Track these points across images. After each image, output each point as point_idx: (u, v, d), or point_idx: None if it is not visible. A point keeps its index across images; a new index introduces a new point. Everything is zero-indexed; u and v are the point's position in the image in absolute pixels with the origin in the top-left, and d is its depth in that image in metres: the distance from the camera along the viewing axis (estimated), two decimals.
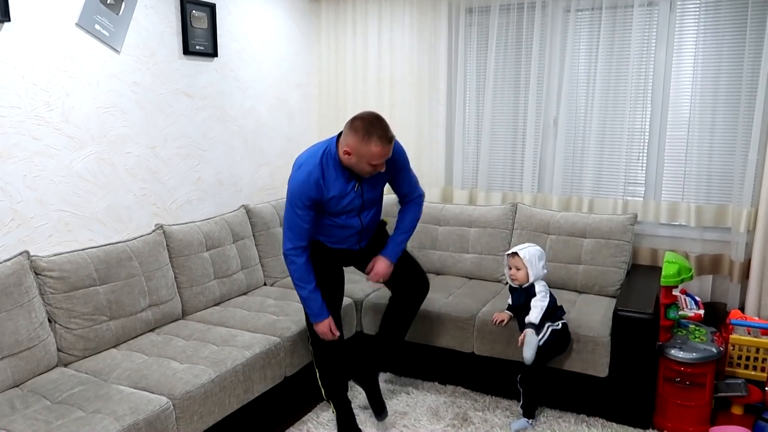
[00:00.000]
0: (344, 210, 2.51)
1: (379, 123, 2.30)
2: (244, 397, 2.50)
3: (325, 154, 2.42)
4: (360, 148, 2.29)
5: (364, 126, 2.28)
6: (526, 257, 2.77)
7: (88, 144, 2.77)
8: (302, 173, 2.41)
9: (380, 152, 2.30)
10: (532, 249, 2.81)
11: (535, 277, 2.78)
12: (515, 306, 2.87)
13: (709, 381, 2.67)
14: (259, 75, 3.77)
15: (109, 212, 2.89)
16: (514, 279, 2.82)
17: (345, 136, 2.35)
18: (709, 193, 3.36)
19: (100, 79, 2.80)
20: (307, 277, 2.50)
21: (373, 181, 2.54)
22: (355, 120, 2.31)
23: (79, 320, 2.48)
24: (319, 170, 2.40)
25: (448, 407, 2.96)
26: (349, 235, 2.61)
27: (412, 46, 3.93)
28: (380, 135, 2.28)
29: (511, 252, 2.84)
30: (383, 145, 2.29)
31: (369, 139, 2.27)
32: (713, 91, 3.28)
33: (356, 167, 2.38)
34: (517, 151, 3.82)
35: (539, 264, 2.79)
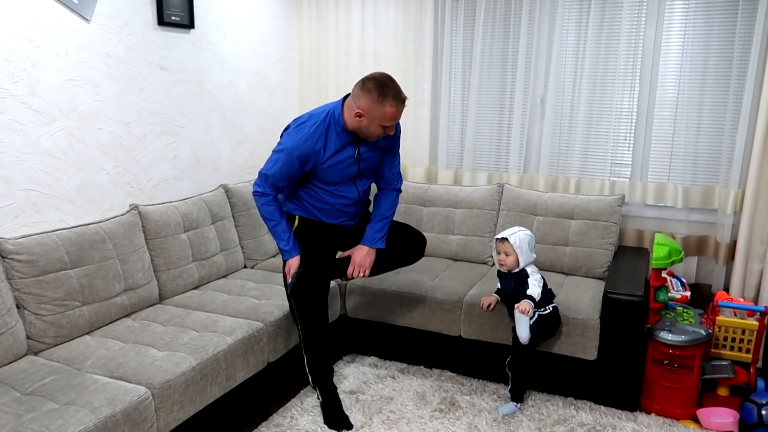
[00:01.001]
0: (341, 178, 2.46)
1: (392, 84, 2.27)
2: (227, 385, 2.41)
3: (329, 116, 2.37)
4: (373, 109, 2.26)
5: (378, 87, 2.24)
6: (516, 243, 2.68)
7: (56, 119, 2.60)
8: (304, 130, 2.36)
9: (394, 113, 2.27)
10: (522, 234, 2.71)
11: (525, 263, 2.70)
12: (504, 291, 2.80)
13: (697, 363, 2.67)
14: (237, 49, 3.61)
15: (80, 191, 2.74)
16: (503, 264, 2.74)
17: (356, 98, 2.29)
18: (696, 174, 3.34)
19: (69, 49, 2.62)
20: (277, 214, 2.48)
21: (371, 150, 2.48)
22: (367, 81, 2.27)
23: (50, 306, 2.34)
24: (322, 130, 2.36)
25: (434, 391, 2.91)
26: (346, 206, 2.54)
27: (397, 20, 3.81)
28: (395, 95, 2.25)
29: (500, 237, 2.74)
30: (397, 105, 2.27)
31: (384, 100, 2.24)
32: (702, 70, 3.24)
33: (365, 130, 2.33)
34: (504, 131, 3.75)
35: (529, 249, 2.71)
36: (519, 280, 2.70)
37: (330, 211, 2.56)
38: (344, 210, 2.57)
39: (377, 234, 2.59)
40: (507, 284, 2.77)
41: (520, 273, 2.71)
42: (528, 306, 2.58)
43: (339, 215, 2.58)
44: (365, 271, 2.58)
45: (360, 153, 2.45)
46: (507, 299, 2.79)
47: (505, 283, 2.79)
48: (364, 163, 2.49)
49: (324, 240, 2.60)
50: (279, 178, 2.41)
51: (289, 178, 2.42)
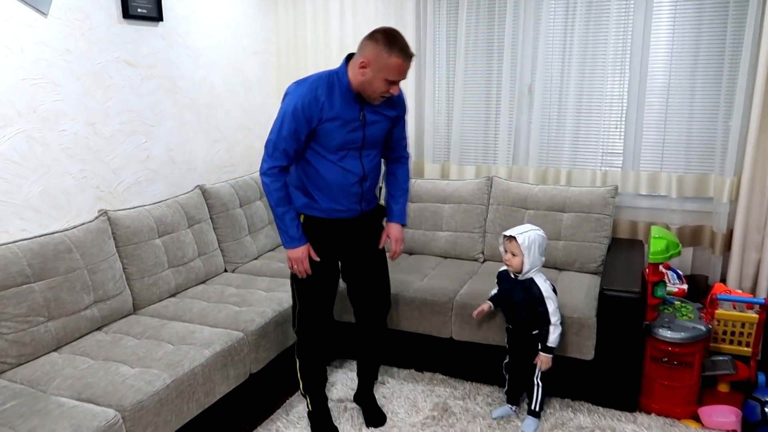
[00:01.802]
0: (345, 144, 2.27)
1: (401, 37, 2.15)
2: (205, 401, 2.26)
3: (332, 75, 2.25)
4: (379, 58, 2.11)
5: (386, 37, 2.13)
6: (524, 243, 2.42)
7: (14, 121, 2.43)
8: (306, 83, 2.23)
9: (400, 66, 2.13)
10: (533, 234, 2.45)
11: (531, 267, 2.46)
12: (504, 299, 2.59)
13: (697, 360, 2.57)
14: (211, 42, 3.43)
15: (43, 198, 2.57)
16: (509, 264, 2.52)
17: (362, 49, 2.17)
18: (690, 163, 3.23)
19: (24, 46, 2.44)
20: (285, 200, 2.29)
21: (377, 115, 2.31)
22: (376, 32, 2.15)
23: (11, 323, 2.18)
24: (325, 86, 2.21)
25: (426, 397, 2.78)
26: (351, 183, 2.32)
27: (377, 9, 3.65)
28: (402, 47, 2.13)
29: (508, 234, 2.49)
30: (404, 58, 2.13)
31: (390, 50, 2.11)
32: (693, 55, 3.13)
33: (368, 86, 2.18)
34: (491, 122, 3.62)
35: (538, 253, 2.46)
36: (528, 294, 2.46)
37: (334, 191, 2.33)
38: (349, 189, 2.33)
39: (403, 208, 2.57)
40: (511, 293, 2.54)
41: (531, 286, 2.47)
42: (549, 362, 2.46)
43: (344, 196, 2.34)
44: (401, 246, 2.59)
45: (365, 116, 2.28)
46: (507, 306, 2.58)
47: (507, 289, 2.56)
48: (369, 129, 2.30)
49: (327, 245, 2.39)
50: (288, 140, 2.21)
51: (298, 139, 2.22)
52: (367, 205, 2.43)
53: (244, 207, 3.42)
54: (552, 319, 2.45)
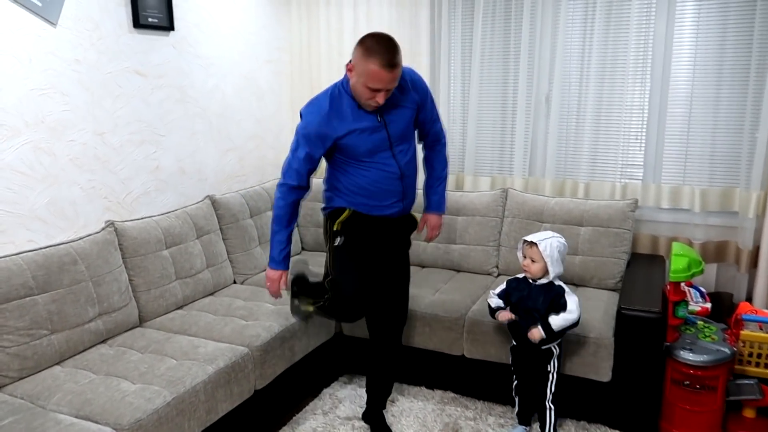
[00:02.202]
0: (373, 147, 2.25)
1: (387, 43, 2.05)
2: (207, 419, 2.21)
3: (337, 86, 2.25)
4: (359, 64, 2.07)
5: (371, 41, 2.06)
6: (546, 251, 2.35)
7: (21, 131, 2.41)
8: (314, 104, 2.25)
9: (377, 73, 2.03)
10: (555, 241, 2.38)
11: (555, 275, 2.39)
12: (521, 305, 2.47)
13: (721, 384, 2.45)
14: (222, 51, 3.40)
15: (51, 208, 2.55)
16: (527, 270, 2.43)
17: (354, 54, 2.12)
18: (714, 176, 3.11)
19: (33, 56, 2.43)
20: (285, 220, 2.34)
21: (393, 112, 2.27)
22: (366, 36, 2.10)
23: (13, 336, 2.15)
24: (332, 103, 2.21)
25: (436, 416, 2.70)
26: (390, 182, 2.29)
27: (391, 17, 3.59)
28: (382, 55, 2.02)
29: (528, 240, 2.41)
30: (381, 66, 2.02)
31: (369, 57, 2.03)
32: (718, 63, 3.01)
33: (356, 93, 2.16)
34: (507, 132, 3.53)
35: (561, 259, 2.39)
36: (549, 295, 2.38)
37: (375, 192, 2.30)
38: (389, 189, 2.31)
39: (441, 198, 2.57)
40: (528, 299, 2.43)
41: (551, 288, 2.40)
42: (538, 335, 2.36)
43: (385, 196, 2.31)
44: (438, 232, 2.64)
45: (383, 116, 2.25)
46: (524, 315, 2.46)
47: (523, 295, 2.44)
48: (392, 127, 2.27)
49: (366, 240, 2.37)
50: (301, 162, 2.25)
51: (311, 160, 2.26)
52: (408, 203, 2.41)
53: (255, 217, 3.38)
54: (570, 305, 2.36)
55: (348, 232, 2.36)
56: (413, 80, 2.33)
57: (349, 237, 2.35)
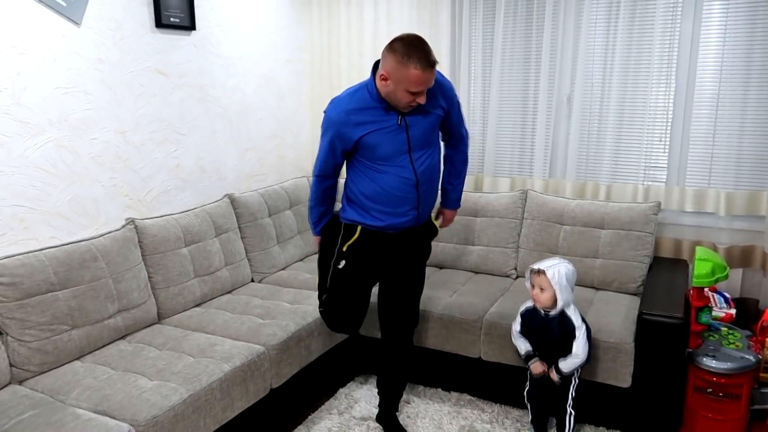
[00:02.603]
0: (393, 149, 2.24)
1: (420, 44, 2.05)
2: (223, 417, 2.22)
3: (362, 88, 2.24)
4: (397, 71, 2.05)
5: (404, 46, 2.04)
6: (554, 278, 2.30)
7: (45, 129, 2.45)
8: (333, 108, 2.26)
9: (419, 77, 2.04)
10: (563, 268, 2.33)
11: (564, 304, 2.33)
12: (537, 338, 2.45)
13: (745, 392, 2.39)
14: (243, 50, 3.42)
15: (73, 206, 2.58)
16: (536, 301, 2.40)
17: (383, 60, 2.11)
18: (740, 179, 3.04)
19: (57, 55, 2.47)
20: (319, 201, 2.44)
21: (418, 117, 2.25)
22: (395, 41, 2.08)
23: (35, 331, 2.19)
24: (350, 106, 2.21)
25: (452, 418, 2.68)
26: (406, 189, 2.27)
27: (412, 17, 3.58)
28: (420, 57, 2.02)
29: (536, 268, 2.37)
30: (423, 68, 2.02)
31: (408, 61, 2.02)
32: (746, 64, 2.94)
33: (393, 97, 2.14)
34: (527, 133, 3.49)
35: (569, 287, 2.34)
36: (563, 327, 2.35)
37: (389, 199, 2.28)
38: (404, 196, 2.28)
39: (459, 195, 2.63)
40: (543, 331, 2.41)
41: (564, 320, 2.35)
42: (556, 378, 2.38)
43: (399, 203, 2.29)
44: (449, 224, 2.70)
45: (404, 120, 2.23)
46: (538, 347, 2.46)
47: (538, 328, 2.42)
48: (412, 129, 2.25)
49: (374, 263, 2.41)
50: (326, 154, 2.32)
51: (334, 155, 2.31)
52: (424, 211, 2.38)
53: (273, 216, 3.40)
54: (575, 349, 2.33)
55: (354, 255, 2.36)
56: (441, 84, 2.30)
57: (354, 261, 2.37)
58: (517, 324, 2.51)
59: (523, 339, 2.48)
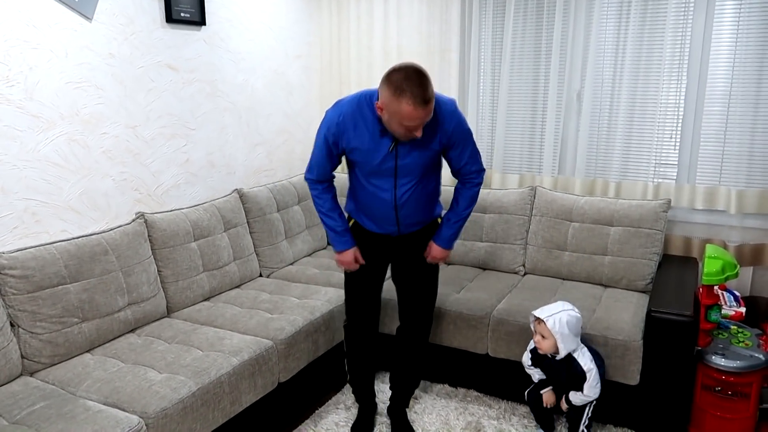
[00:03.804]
0: (376, 170, 2.20)
1: (417, 79, 1.94)
2: (231, 410, 2.23)
3: (364, 99, 2.14)
4: (390, 104, 1.97)
5: (399, 80, 1.94)
6: (555, 327, 2.25)
7: (56, 124, 2.47)
8: (333, 110, 2.19)
9: (411, 113, 1.95)
10: (564, 316, 2.25)
11: (567, 350, 2.29)
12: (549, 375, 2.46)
13: (754, 391, 2.38)
14: (253, 46, 3.43)
15: (84, 199, 2.61)
16: (539, 347, 2.36)
17: (380, 89, 2.03)
18: (752, 176, 3.01)
19: (69, 50, 2.48)
20: (327, 205, 2.34)
21: (414, 150, 2.17)
22: (393, 72, 1.98)
23: (46, 324, 2.21)
24: (349, 113, 2.14)
25: (459, 414, 2.68)
26: (384, 207, 2.26)
27: (422, 12, 3.57)
28: (414, 93, 1.92)
29: (536, 315, 2.33)
30: (416, 105, 1.93)
31: (400, 96, 1.93)
32: (758, 61, 2.91)
33: (389, 127, 2.07)
34: (537, 129, 3.48)
35: (572, 334, 2.28)
36: (572, 371, 2.32)
37: (370, 211, 2.31)
38: (384, 215, 2.29)
39: (453, 235, 2.40)
40: (552, 371, 2.42)
41: (572, 363, 2.32)
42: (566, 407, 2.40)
43: (380, 218, 2.30)
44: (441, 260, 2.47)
45: (397, 148, 2.16)
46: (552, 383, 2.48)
47: (547, 367, 2.44)
48: (403, 160, 2.18)
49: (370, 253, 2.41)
50: (319, 161, 2.27)
51: (324, 162, 2.26)
52: (407, 228, 2.35)
53: (282, 212, 3.41)
54: (586, 390, 2.33)
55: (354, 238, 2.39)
56: (443, 121, 2.16)
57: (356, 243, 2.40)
58: (527, 357, 2.49)
59: (535, 369, 2.49)
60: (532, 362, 2.49)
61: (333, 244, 2.37)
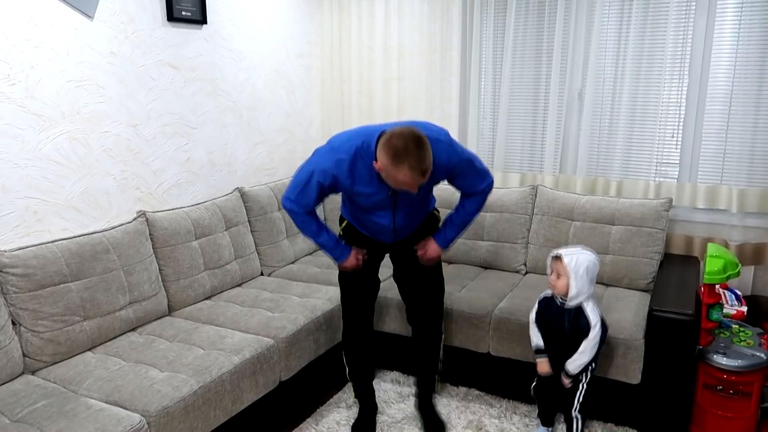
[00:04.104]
0: (374, 206, 2.27)
1: (415, 149, 1.95)
2: (232, 408, 2.23)
3: (361, 151, 2.12)
4: (389, 168, 1.99)
5: (398, 149, 1.95)
6: (570, 264, 2.22)
7: (58, 122, 2.47)
8: (330, 158, 2.14)
9: (409, 181, 1.99)
10: (583, 257, 2.24)
11: (578, 293, 2.24)
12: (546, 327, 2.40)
13: (756, 390, 2.37)
14: (254, 44, 3.43)
15: (85, 198, 2.61)
16: (553, 287, 2.32)
17: (378, 150, 2.02)
18: (753, 175, 3.01)
19: (70, 49, 2.48)
20: (313, 226, 2.32)
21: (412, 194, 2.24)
22: (392, 137, 1.97)
23: (48, 322, 2.21)
24: (346, 165, 2.13)
25: (460, 413, 2.68)
26: (382, 230, 2.37)
27: (423, 11, 3.57)
28: (412, 165, 1.95)
29: (555, 254, 2.31)
30: (413, 175, 1.97)
31: (399, 164, 1.96)
32: (760, 60, 2.91)
33: (387, 181, 2.08)
34: (538, 128, 3.48)
35: (588, 279, 2.24)
36: (576, 324, 2.28)
37: (367, 227, 2.40)
38: (381, 232, 2.38)
39: (451, 237, 2.43)
40: (553, 320, 2.34)
41: (579, 316, 2.28)
42: (568, 383, 2.34)
43: (377, 232, 2.40)
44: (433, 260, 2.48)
45: (396, 193, 2.21)
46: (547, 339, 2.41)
47: (550, 316, 2.36)
48: (401, 199, 2.26)
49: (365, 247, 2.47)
50: (308, 200, 2.23)
51: (314, 200, 2.23)
52: (404, 236, 2.42)
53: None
54: (583, 345, 2.26)
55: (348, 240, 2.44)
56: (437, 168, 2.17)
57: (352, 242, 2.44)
58: (533, 311, 2.47)
59: (536, 330, 2.43)
60: (536, 317, 2.43)
61: (331, 256, 2.40)
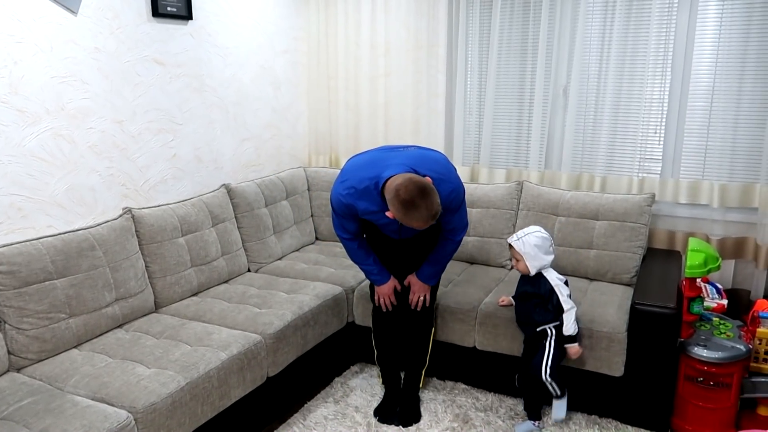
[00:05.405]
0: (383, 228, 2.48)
1: (423, 202, 2.07)
2: (220, 404, 2.24)
3: (369, 188, 2.27)
4: (402, 219, 2.15)
5: (406, 204, 2.08)
6: (522, 248, 2.47)
7: (42, 118, 2.45)
8: (341, 191, 2.33)
9: (422, 225, 2.15)
10: (531, 238, 2.48)
11: (539, 268, 2.48)
12: (517, 293, 2.62)
13: (735, 381, 2.42)
14: (240, 40, 3.42)
15: (70, 195, 2.59)
16: (518, 269, 2.56)
17: (389, 201, 2.16)
18: (734, 171, 3.06)
19: (54, 44, 2.46)
20: (361, 254, 2.54)
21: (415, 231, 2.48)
22: (400, 191, 2.09)
23: (33, 319, 2.20)
24: (355, 198, 2.31)
25: (447, 407, 2.71)
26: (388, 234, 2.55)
27: (409, 7, 3.58)
28: (422, 215, 2.09)
29: (508, 242, 2.57)
30: (425, 221, 2.12)
31: (410, 216, 2.10)
32: (741, 57, 2.96)
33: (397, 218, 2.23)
34: (523, 124, 3.51)
35: (540, 253, 2.47)
36: (536, 286, 2.50)
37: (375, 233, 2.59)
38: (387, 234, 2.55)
39: (431, 273, 2.59)
40: (522, 286, 2.58)
41: (539, 280, 2.50)
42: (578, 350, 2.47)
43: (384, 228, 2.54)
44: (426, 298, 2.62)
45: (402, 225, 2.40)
46: (518, 304, 2.61)
47: (520, 283, 2.60)
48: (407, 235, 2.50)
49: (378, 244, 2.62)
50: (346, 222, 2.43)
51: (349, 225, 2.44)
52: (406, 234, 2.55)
53: (270, 207, 3.41)
54: (565, 306, 2.44)
55: None
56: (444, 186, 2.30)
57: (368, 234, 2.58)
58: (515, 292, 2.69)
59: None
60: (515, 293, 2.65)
61: (372, 280, 2.61)
